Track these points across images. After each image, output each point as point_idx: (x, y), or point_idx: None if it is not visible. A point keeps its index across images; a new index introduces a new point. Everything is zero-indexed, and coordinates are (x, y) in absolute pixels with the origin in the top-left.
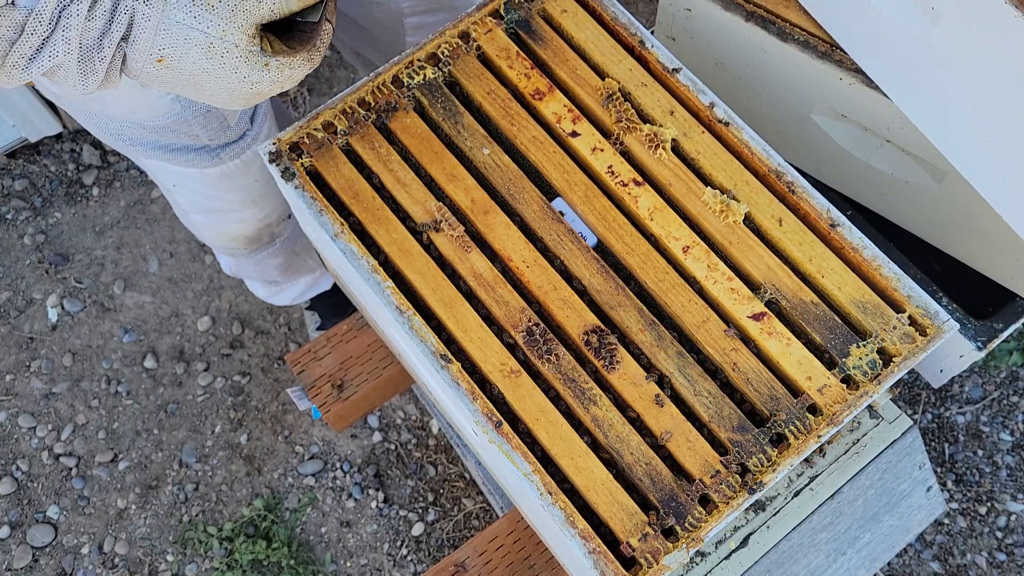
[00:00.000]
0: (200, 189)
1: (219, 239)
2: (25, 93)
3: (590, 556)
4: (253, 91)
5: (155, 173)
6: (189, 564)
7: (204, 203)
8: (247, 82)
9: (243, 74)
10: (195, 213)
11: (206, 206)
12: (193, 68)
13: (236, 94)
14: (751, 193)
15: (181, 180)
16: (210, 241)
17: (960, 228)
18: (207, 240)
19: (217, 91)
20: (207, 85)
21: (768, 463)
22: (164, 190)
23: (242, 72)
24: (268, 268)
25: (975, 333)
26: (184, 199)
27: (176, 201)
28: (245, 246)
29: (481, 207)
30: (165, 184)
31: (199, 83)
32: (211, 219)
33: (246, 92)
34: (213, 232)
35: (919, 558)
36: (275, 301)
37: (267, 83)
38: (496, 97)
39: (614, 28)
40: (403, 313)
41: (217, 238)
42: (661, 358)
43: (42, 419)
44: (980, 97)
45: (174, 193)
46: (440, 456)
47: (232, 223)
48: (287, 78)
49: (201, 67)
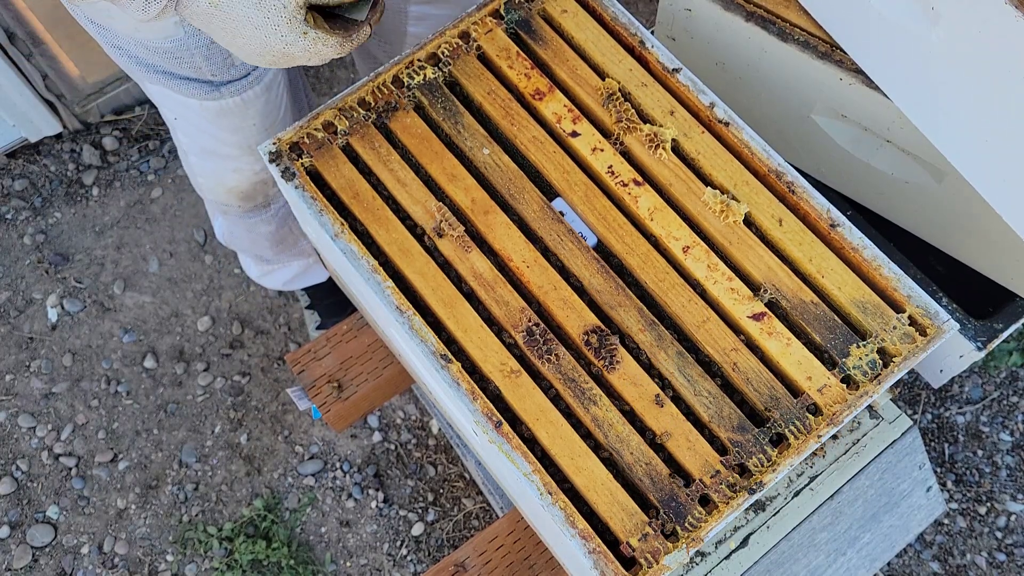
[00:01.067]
0: (199, 124)
1: (214, 190)
2: (25, 93)
3: (590, 556)
4: (284, 52)
5: (159, 102)
6: (189, 564)
7: (204, 142)
8: (282, 41)
9: (282, 32)
10: (194, 154)
11: (205, 146)
12: (240, 14)
13: (267, 50)
14: (751, 193)
15: (181, 112)
16: (206, 192)
17: (960, 228)
18: (204, 190)
19: (252, 42)
20: (245, 34)
21: (768, 463)
22: (169, 127)
23: (282, 30)
24: (259, 238)
25: (975, 333)
26: (185, 135)
27: (178, 140)
28: (240, 202)
29: (481, 207)
30: (168, 117)
31: (238, 30)
32: (209, 163)
33: (278, 51)
34: (209, 180)
35: (919, 558)
36: (266, 283)
37: (299, 49)
38: (496, 97)
39: (614, 28)
40: (403, 313)
41: (213, 188)
42: (661, 358)
43: (42, 419)
44: (980, 97)
45: (176, 129)
46: (440, 456)
47: (228, 171)
48: (317, 53)
49: (247, 15)
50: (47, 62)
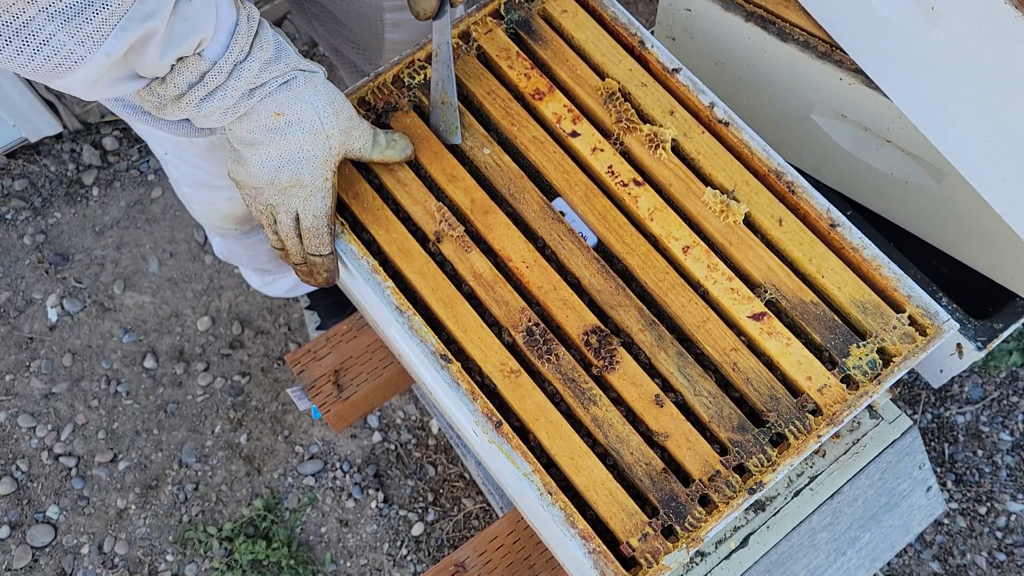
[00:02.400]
0: (190, 160)
1: (209, 216)
2: (25, 93)
3: (590, 556)
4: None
5: (149, 139)
6: (189, 564)
7: (195, 175)
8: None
9: (313, 165)
10: (186, 186)
11: (197, 179)
12: (293, 137)
13: (285, 168)
14: (751, 193)
15: (172, 149)
16: (201, 218)
17: (960, 228)
18: (199, 217)
19: (281, 158)
20: (278, 150)
21: (768, 463)
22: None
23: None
24: (259, 254)
25: (975, 333)
26: (176, 169)
27: (169, 172)
28: (235, 226)
29: (481, 207)
30: (158, 152)
31: (273, 145)
32: (202, 194)
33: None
34: (203, 208)
35: (919, 558)
36: (268, 291)
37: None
38: (496, 97)
39: (614, 28)
40: (403, 313)
41: (207, 215)
42: (661, 358)
43: (42, 419)
44: (980, 97)
45: (166, 163)
46: (440, 456)
47: (222, 200)
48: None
49: (298, 139)
50: None
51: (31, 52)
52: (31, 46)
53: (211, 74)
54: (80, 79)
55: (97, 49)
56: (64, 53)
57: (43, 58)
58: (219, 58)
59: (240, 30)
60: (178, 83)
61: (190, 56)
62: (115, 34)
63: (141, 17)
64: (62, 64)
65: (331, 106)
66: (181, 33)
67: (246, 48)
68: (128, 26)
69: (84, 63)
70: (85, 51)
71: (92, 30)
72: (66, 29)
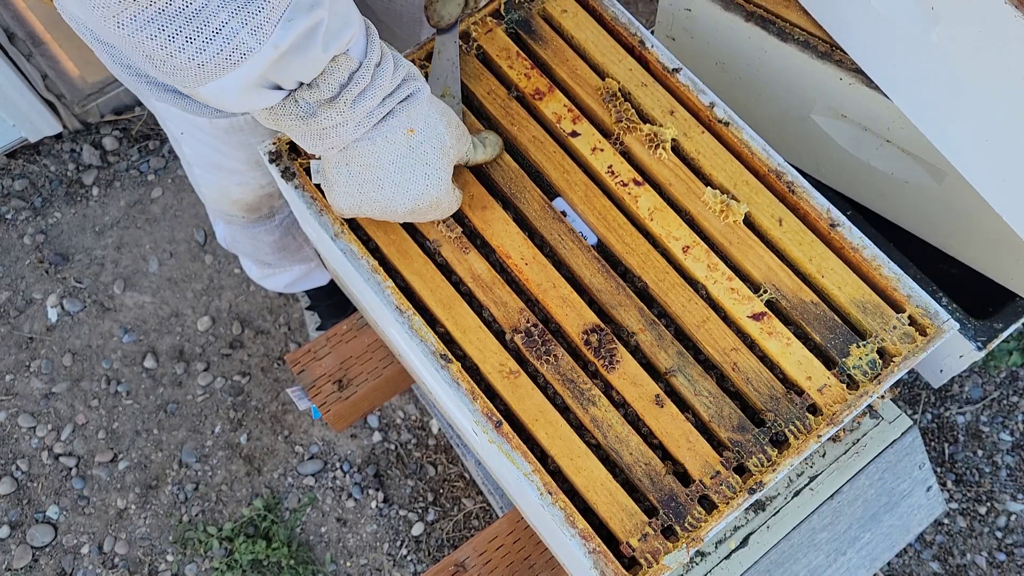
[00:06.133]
0: (207, 140)
1: (219, 201)
2: (25, 93)
3: (590, 556)
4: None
5: (164, 118)
6: (189, 564)
7: (210, 157)
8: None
9: (445, 183)
10: (199, 167)
11: (212, 161)
12: (426, 156)
13: (426, 193)
14: (751, 193)
15: (189, 128)
16: (210, 202)
17: (960, 228)
18: (207, 201)
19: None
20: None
21: (768, 463)
22: (172, 139)
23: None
24: (262, 245)
25: (975, 333)
26: (190, 150)
27: (182, 152)
28: (244, 213)
29: (479, 203)
30: (173, 131)
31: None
32: (214, 176)
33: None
34: (214, 192)
35: (919, 558)
36: (266, 285)
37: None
38: (496, 97)
39: (614, 28)
40: (403, 313)
41: (217, 199)
42: (661, 358)
43: (42, 419)
44: (980, 97)
45: (181, 143)
46: (440, 456)
47: (234, 185)
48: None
49: (430, 157)
50: (47, 62)
51: (202, 43)
52: (203, 36)
53: (359, 74)
54: (242, 75)
55: (267, 40)
56: (236, 43)
57: (215, 49)
58: (363, 58)
59: (370, 31)
60: (331, 84)
61: (341, 55)
62: (283, 24)
63: (306, 8)
64: (231, 56)
65: (443, 117)
66: (337, 26)
67: (378, 49)
68: (294, 16)
69: (252, 55)
70: (255, 42)
71: (263, 19)
72: (239, 17)
